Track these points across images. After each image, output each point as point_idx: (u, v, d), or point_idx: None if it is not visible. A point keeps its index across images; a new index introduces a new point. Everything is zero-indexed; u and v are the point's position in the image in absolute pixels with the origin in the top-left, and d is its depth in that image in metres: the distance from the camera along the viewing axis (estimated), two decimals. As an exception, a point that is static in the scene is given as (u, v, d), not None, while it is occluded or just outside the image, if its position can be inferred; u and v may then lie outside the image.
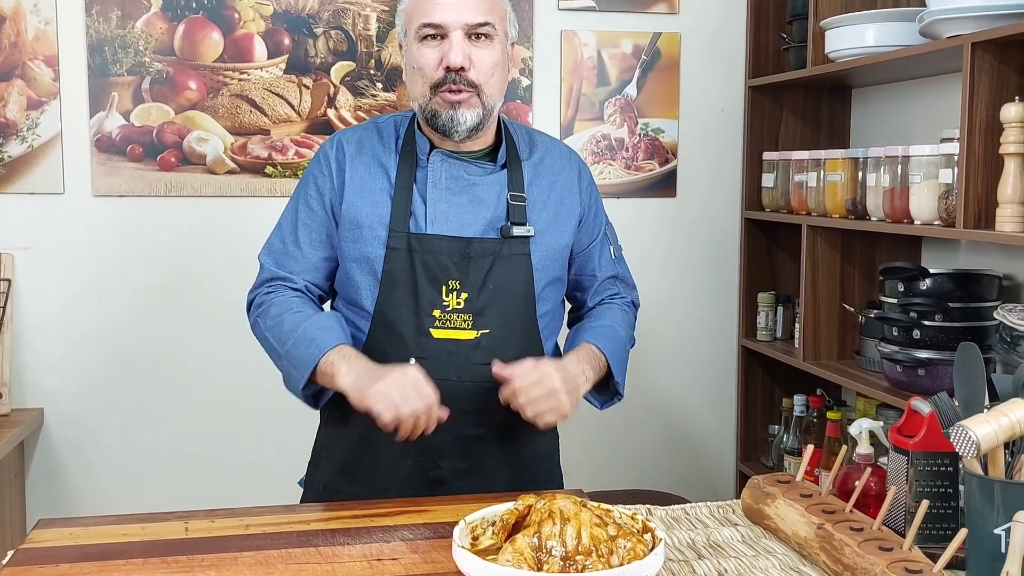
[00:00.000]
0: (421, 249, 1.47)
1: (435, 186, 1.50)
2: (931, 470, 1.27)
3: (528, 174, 1.55)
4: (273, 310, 1.51)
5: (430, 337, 1.47)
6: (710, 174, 2.80)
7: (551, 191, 1.57)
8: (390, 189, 1.50)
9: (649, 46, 2.70)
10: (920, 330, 1.91)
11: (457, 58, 1.43)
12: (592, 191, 1.64)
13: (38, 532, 1.28)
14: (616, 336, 1.58)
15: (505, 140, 1.55)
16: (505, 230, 1.50)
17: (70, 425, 2.52)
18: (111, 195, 2.48)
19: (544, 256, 1.54)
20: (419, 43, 1.46)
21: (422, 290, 1.47)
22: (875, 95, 2.58)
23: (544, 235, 1.54)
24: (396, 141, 1.55)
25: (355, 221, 1.50)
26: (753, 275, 2.78)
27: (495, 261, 1.49)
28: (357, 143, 1.55)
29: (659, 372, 2.83)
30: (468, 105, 1.45)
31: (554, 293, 1.59)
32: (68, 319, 2.49)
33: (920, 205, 1.89)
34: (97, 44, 2.43)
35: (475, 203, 1.51)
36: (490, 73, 1.47)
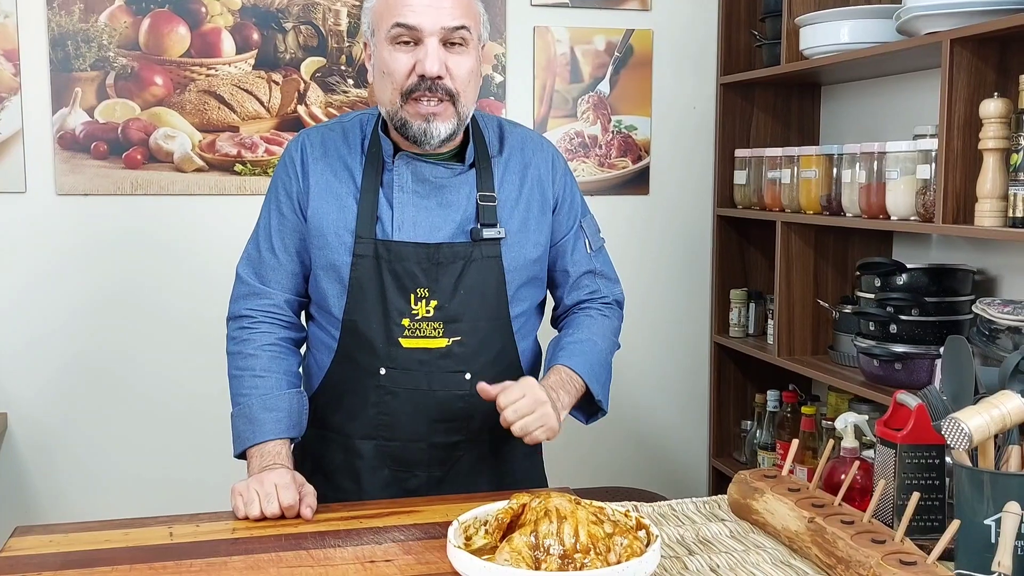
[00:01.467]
0: (388, 256, 1.43)
1: (401, 190, 1.46)
2: (918, 462, 1.29)
3: (498, 171, 1.51)
4: (240, 361, 1.49)
5: (399, 347, 1.44)
6: (683, 171, 2.81)
7: (522, 186, 1.52)
8: (356, 193, 1.46)
9: (622, 43, 2.70)
10: (897, 324, 1.94)
11: (433, 66, 1.36)
12: (567, 181, 1.59)
13: (17, 540, 1.25)
14: (594, 350, 1.54)
15: (474, 138, 1.50)
16: (475, 233, 1.46)
17: (34, 429, 2.45)
18: (75, 194, 2.42)
19: (517, 257, 1.50)
20: (390, 45, 1.39)
21: (391, 299, 1.44)
22: (845, 92, 2.61)
23: (516, 235, 1.50)
24: (362, 142, 1.50)
25: (320, 227, 1.47)
26: (725, 272, 2.80)
27: (466, 266, 1.45)
28: (322, 145, 1.50)
29: (632, 370, 2.84)
30: (443, 117, 1.40)
31: (530, 293, 1.55)
32: (31, 321, 2.42)
33: (897, 201, 1.91)
34: (59, 38, 2.36)
35: (443, 206, 1.47)
36: (467, 81, 1.41)
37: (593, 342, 1.56)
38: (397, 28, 1.38)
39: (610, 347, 1.60)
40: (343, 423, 1.49)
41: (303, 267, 1.51)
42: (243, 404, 1.46)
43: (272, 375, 1.47)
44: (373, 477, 1.48)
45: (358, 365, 1.45)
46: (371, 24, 1.44)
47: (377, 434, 1.47)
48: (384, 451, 1.47)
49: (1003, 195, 1.68)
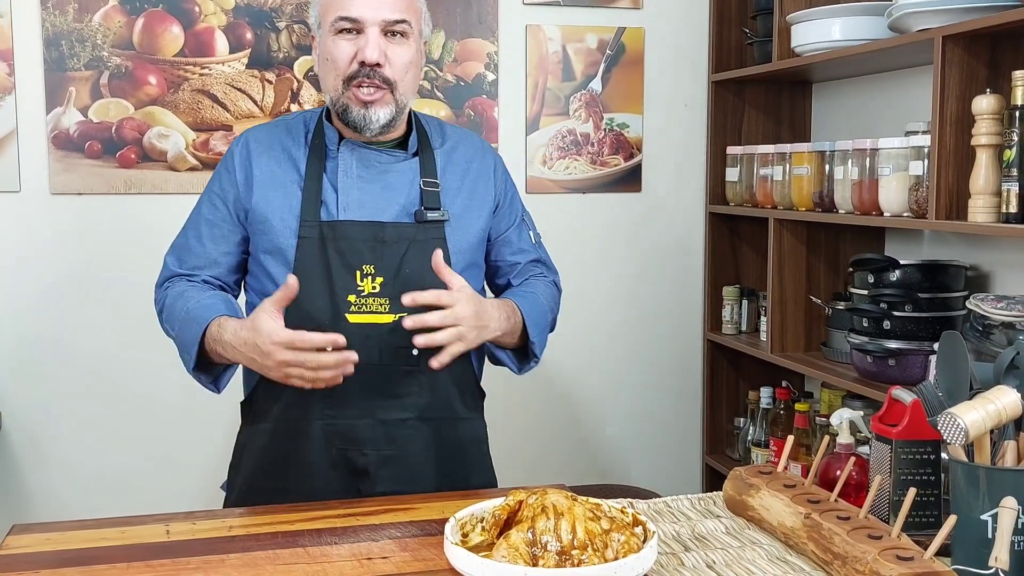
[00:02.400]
0: (334, 236, 1.47)
1: (346, 174, 1.51)
2: (914, 458, 1.29)
3: (440, 161, 1.57)
4: (168, 300, 1.52)
5: (346, 322, 1.46)
6: (675, 169, 2.81)
7: (464, 177, 1.58)
8: (300, 181, 1.51)
9: (614, 41, 2.71)
10: (890, 321, 1.95)
11: (373, 53, 1.44)
12: (507, 178, 1.66)
13: (14, 538, 1.25)
14: (537, 302, 1.59)
15: (416, 128, 1.57)
16: (419, 215, 1.51)
17: (28, 427, 2.44)
18: (69, 193, 2.41)
19: (460, 240, 1.55)
20: (334, 36, 1.47)
21: (336, 277, 1.46)
22: (836, 89, 2.62)
23: (459, 220, 1.55)
24: (305, 135, 1.56)
25: (264, 214, 1.51)
26: (718, 269, 2.81)
27: (410, 246, 1.49)
28: (265, 139, 1.56)
29: (625, 367, 2.84)
30: (381, 104, 1.47)
31: (472, 279, 1.58)
32: (25, 320, 2.42)
33: (889, 197, 1.92)
34: (53, 38, 2.36)
35: (388, 189, 1.52)
36: (404, 71, 1.48)
37: (536, 297, 1.60)
38: (341, 20, 1.46)
39: (551, 309, 1.63)
40: (287, 409, 1.49)
41: (226, 257, 1.55)
42: (181, 320, 1.47)
43: (199, 291, 1.51)
44: (319, 459, 1.48)
45: None
46: (318, 17, 1.52)
47: (324, 413, 1.48)
48: (332, 430, 1.48)
49: (996, 191, 1.69)
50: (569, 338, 2.76)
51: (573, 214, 2.74)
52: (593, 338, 2.80)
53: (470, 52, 2.61)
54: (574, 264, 2.75)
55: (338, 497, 1.45)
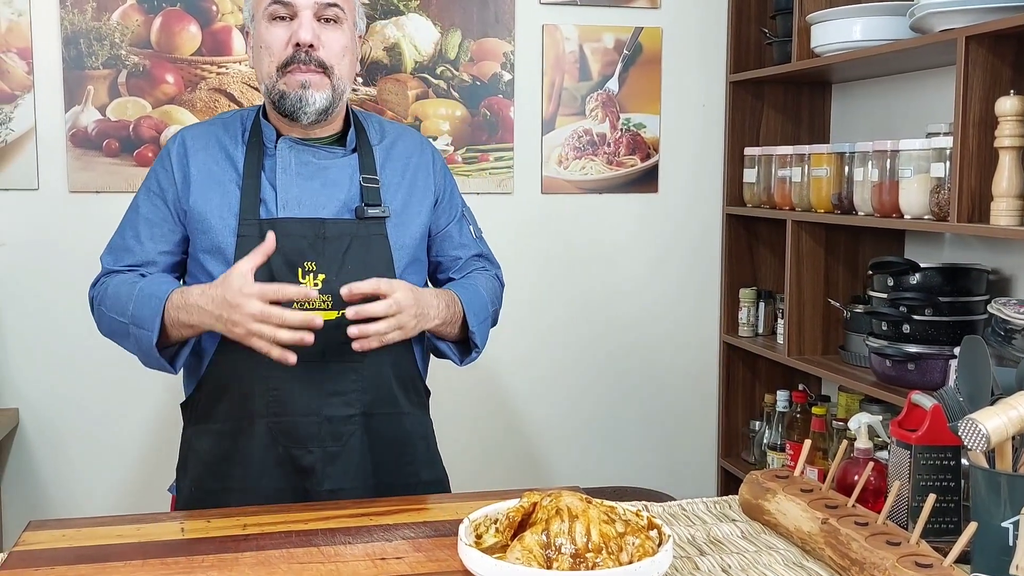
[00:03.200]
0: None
1: (285, 172, 1.50)
2: (934, 464, 1.28)
3: (380, 157, 1.56)
4: (110, 291, 1.50)
5: None
6: (692, 169, 2.80)
7: (404, 173, 1.58)
8: (238, 179, 1.50)
9: (631, 40, 2.70)
10: (910, 324, 1.93)
11: (307, 35, 1.44)
12: (446, 173, 1.66)
13: (30, 534, 1.25)
14: (477, 293, 1.58)
15: (354, 125, 1.56)
16: (360, 211, 1.49)
17: (45, 425, 2.46)
18: (87, 191, 2.42)
19: (402, 236, 1.54)
20: (267, 22, 1.47)
21: (278, 274, 1.44)
22: (856, 90, 2.60)
23: (400, 215, 1.54)
24: (242, 133, 1.54)
25: (203, 214, 1.49)
26: (734, 271, 2.79)
27: (352, 241, 1.48)
28: (202, 137, 1.54)
29: (640, 369, 2.83)
30: (317, 87, 1.46)
31: (415, 274, 1.58)
32: (43, 317, 2.43)
33: (910, 199, 1.90)
34: (72, 36, 2.37)
35: (327, 186, 1.51)
36: (340, 55, 1.48)
37: (476, 288, 1.59)
38: (274, 5, 1.46)
39: (492, 300, 1.62)
40: (230, 408, 1.49)
41: (163, 256, 1.53)
42: (134, 300, 1.45)
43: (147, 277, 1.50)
44: (264, 458, 1.47)
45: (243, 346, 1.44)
46: (251, 8, 1.52)
47: (269, 411, 1.46)
48: (277, 428, 1.46)
49: (1019, 194, 1.67)
50: (584, 340, 2.76)
51: (589, 215, 2.73)
52: (608, 340, 2.79)
53: (486, 52, 2.60)
54: (589, 265, 2.75)
55: (285, 498, 1.45)
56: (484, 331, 1.57)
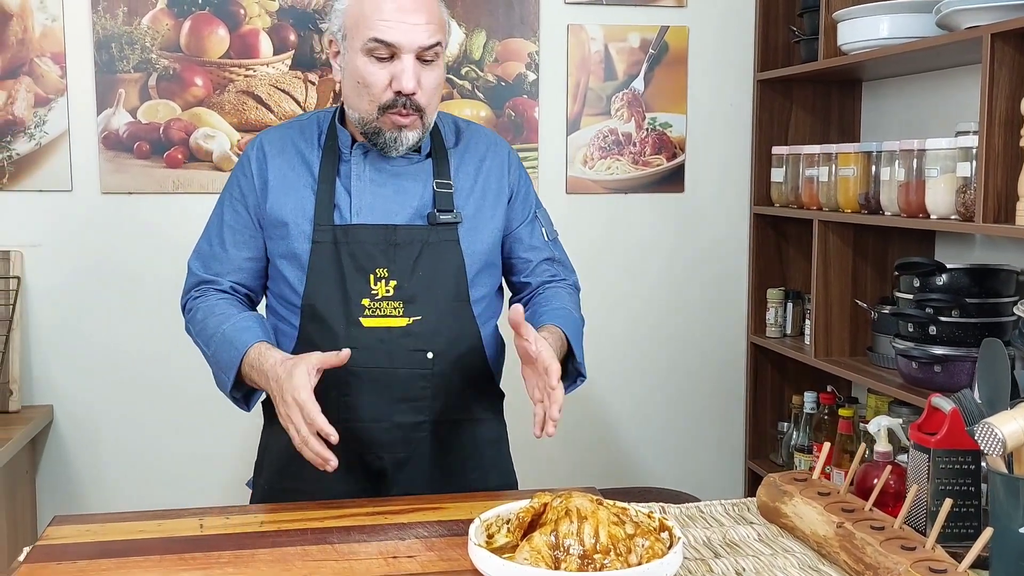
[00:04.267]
0: (347, 240, 1.47)
1: (359, 178, 1.50)
2: (953, 468, 1.26)
3: (454, 161, 1.56)
4: (199, 315, 1.52)
5: (360, 326, 1.46)
6: (719, 169, 2.78)
7: (477, 176, 1.56)
8: (313, 184, 1.50)
9: (657, 40, 2.68)
10: (936, 326, 1.90)
11: (410, 83, 1.42)
12: (521, 174, 1.63)
13: (54, 529, 1.28)
14: (572, 318, 1.56)
15: (429, 130, 1.54)
16: (432, 217, 1.49)
17: (79, 422, 2.51)
18: (119, 192, 2.47)
19: (474, 241, 1.53)
20: (366, 57, 1.43)
21: (350, 280, 1.46)
22: (886, 88, 2.56)
23: (473, 220, 1.53)
24: (319, 137, 1.55)
25: (280, 219, 1.50)
26: (762, 271, 2.77)
27: (423, 248, 1.48)
28: (279, 142, 1.55)
29: (667, 369, 2.82)
30: (412, 127, 1.46)
31: (489, 278, 1.57)
32: (77, 316, 2.48)
33: (937, 199, 1.87)
34: (104, 41, 2.42)
35: (400, 192, 1.51)
36: (433, 94, 1.48)
37: (569, 311, 1.57)
38: (374, 43, 1.42)
39: (582, 319, 1.60)
40: None
41: (249, 263, 1.55)
42: (216, 341, 1.47)
43: (233, 307, 1.51)
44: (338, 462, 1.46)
45: (319, 349, 1.45)
46: (343, 27, 1.47)
47: (340, 416, 1.47)
48: (348, 433, 1.46)
49: (1046, 194, 1.64)
50: (611, 340, 2.75)
51: (614, 215, 2.73)
52: (635, 340, 2.78)
53: (511, 52, 2.61)
54: (615, 265, 2.74)
55: (355, 498, 1.45)
56: (582, 356, 1.54)
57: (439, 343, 1.48)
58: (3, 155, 2.40)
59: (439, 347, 1.48)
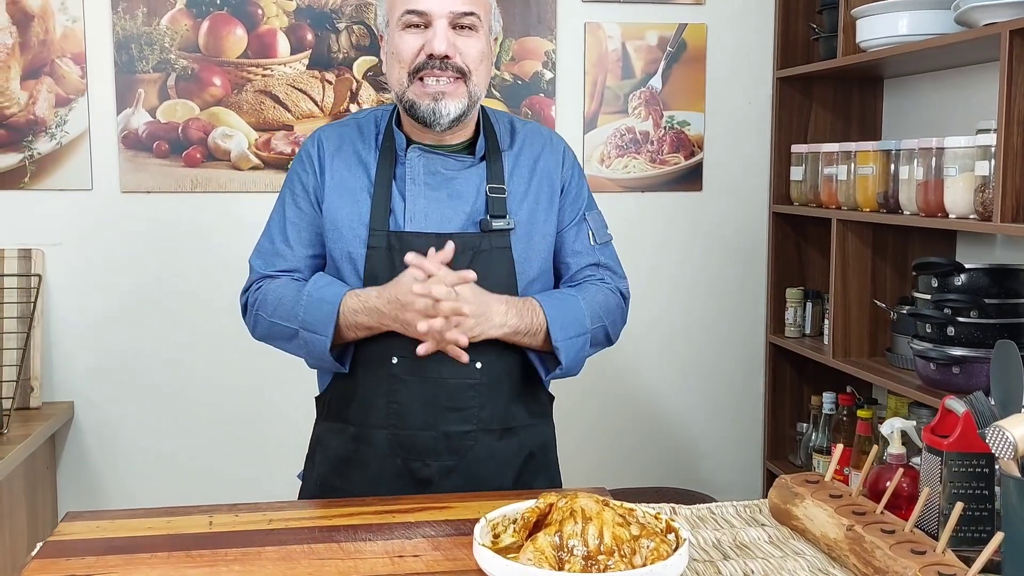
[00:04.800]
0: (400, 247, 1.45)
1: (413, 182, 1.48)
2: (966, 471, 1.24)
3: (508, 164, 1.53)
4: (270, 297, 1.50)
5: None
6: (737, 167, 2.76)
7: (531, 178, 1.53)
8: (370, 187, 1.49)
9: (675, 38, 2.67)
10: (955, 327, 1.87)
11: (441, 45, 1.40)
12: (575, 173, 1.59)
13: (66, 525, 1.29)
14: (570, 305, 1.50)
15: (484, 132, 1.52)
16: (484, 224, 1.47)
17: (99, 418, 2.54)
18: (138, 191, 2.49)
19: (527, 248, 1.51)
20: (401, 31, 1.44)
21: None
22: (908, 86, 2.53)
23: (526, 226, 1.51)
24: (376, 137, 1.53)
25: (335, 221, 1.50)
26: (781, 270, 2.74)
27: (475, 256, 1.46)
28: (337, 140, 1.53)
29: (685, 369, 2.80)
30: (453, 96, 1.43)
31: (541, 285, 1.55)
32: (97, 314, 2.51)
33: (955, 198, 1.85)
34: (124, 41, 2.44)
35: (454, 198, 1.49)
36: (478, 61, 1.45)
37: (575, 298, 1.52)
38: (408, 14, 1.42)
39: (593, 312, 1.52)
40: (356, 414, 1.51)
41: (313, 260, 1.54)
42: (303, 305, 1.45)
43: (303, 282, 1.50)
44: (384, 467, 1.49)
45: (371, 355, 1.47)
46: (385, 14, 1.49)
47: (389, 423, 1.48)
48: (396, 440, 1.48)
49: (1067, 193, 1.61)
50: (628, 340, 2.72)
51: (631, 213, 2.71)
52: (652, 340, 2.77)
53: (527, 51, 2.61)
54: (632, 265, 2.67)
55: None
56: (574, 347, 1.48)
57: (488, 353, 1.46)
58: (25, 155, 2.43)
59: (488, 357, 1.47)
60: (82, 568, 1.14)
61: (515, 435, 1.54)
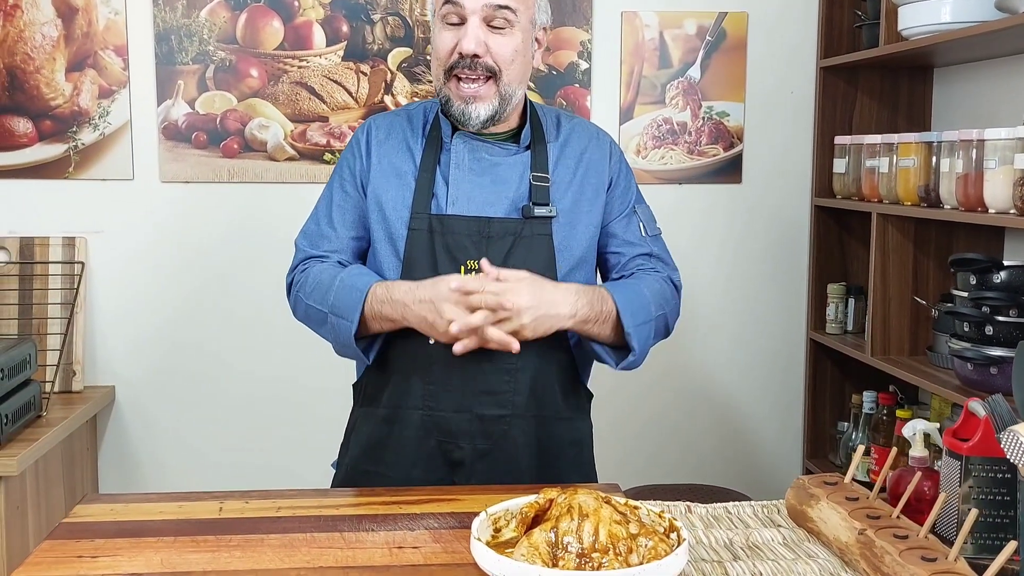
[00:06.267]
0: (442, 229, 1.47)
1: (458, 167, 1.50)
2: (987, 476, 1.19)
3: (553, 154, 1.54)
4: (310, 279, 1.53)
5: None
6: (778, 159, 2.70)
7: (576, 169, 1.54)
8: (415, 172, 1.52)
9: (714, 26, 2.61)
10: (993, 326, 1.80)
11: (470, 44, 1.42)
12: (623, 168, 1.60)
13: (81, 507, 1.32)
14: (636, 291, 1.50)
15: (530, 121, 1.54)
16: (527, 210, 1.48)
17: (140, 402, 2.60)
18: (177, 181, 2.54)
19: (568, 236, 1.51)
20: (440, 25, 1.47)
21: (442, 270, 1.46)
22: (959, 75, 2.44)
23: (568, 215, 1.51)
24: (424, 126, 1.56)
25: (380, 204, 1.52)
26: (823, 265, 2.67)
27: (516, 241, 1.47)
28: (387, 128, 1.57)
29: (723, 365, 2.75)
30: (482, 99, 1.45)
31: (582, 275, 1.54)
32: (137, 300, 2.57)
33: (994, 192, 1.77)
34: (164, 33, 2.49)
35: (497, 183, 1.50)
36: (510, 60, 1.45)
37: (636, 286, 1.52)
38: (445, 7, 1.45)
39: (656, 303, 1.51)
40: (392, 396, 1.52)
41: (356, 242, 1.56)
42: (335, 290, 1.47)
43: (342, 268, 1.53)
44: (418, 448, 1.50)
45: (409, 336, 1.48)
46: (432, 7, 1.51)
47: (424, 404, 1.49)
48: (431, 422, 1.49)
49: (1112, 187, 1.53)
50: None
51: (668, 205, 2.67)
52: (690, 336, 2.73)
53: (563, 41, 2.58)
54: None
55: (434, 485, 1.46)
56: (643, 334, 1.48)
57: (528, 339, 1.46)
58: (69, 145, 2.50)
59: (525, 344, 1.46)
60: (89, 550, 1.17)
61: (550, 426, 1.54)
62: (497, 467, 1.50)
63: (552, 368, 1.53)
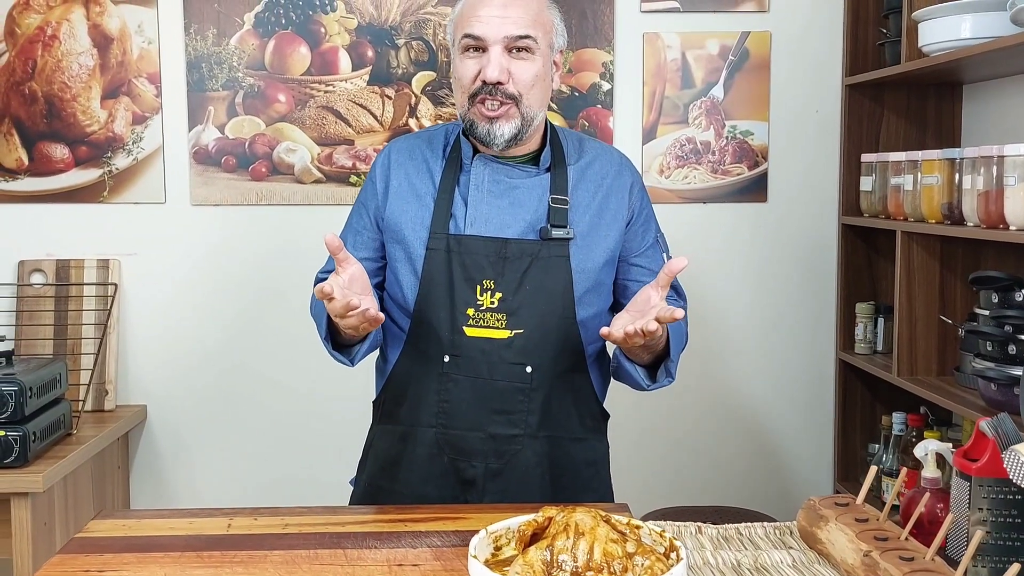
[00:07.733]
0: (459, 249, 1.49)
1: (477, 188, 1.53)
2: (997, 498, 1.17)
3: (573, 177, 1.55)
4: (314, 289, 1.55)
5: (463, 335, 1.48)
6: (804, 178, 2.67)
7: (596, 193, 1.56)
8: (434, 192, 1.54)
9: (737, 46, 2.61)
10: (1016, 345, 1.76)
11: (493, 73, 1.45)
12: (644, 199, 1.62)
13: (95, 522, 1.35)
14: (677, 325, 1.53)
15: (551, 143, 1.56)
16: (544, 232, 1.50)
17: (171, 422, 2.65)
18: (207, 204, 2.60)
19: (585, 259, 1.53)
20: (461, 54, 1.50)
21: (458, 289, 1.49)
22: (986, 91, 2.40)
23: (586, 238, 1.53)
24: (444, 148, 1.59)
25: (398, 224, 1.55)
26: (851, 284, 2.64)
27: (532, 262, 1.49)
28: (407, 150, 1.60)
29: (751, 385, 2.72)
30: (506, 118, 1.48)
31: (598, 298, 1.56)
32: (169, 320, 2.63)
33: (1015, 209, 1.74)
34: (195, 61, 2.55)
35: (515, 205, 1.52)
36: (530, 85, 1.48)
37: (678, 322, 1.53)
38: (466, 39, 1.49)
39: (686, 330, 1.59)
40: (407, 413, 1.54)
41: (367, 262, 1.58)
42: (313, 300, 1.55)
43: None
44: (431, 466, 1.51)
45: (424, 354, 1.50)
46: (452, 35, 1.56)
47: (437, 422, 1.51)
48: (444, 439, 1.51)
49: None
50: (692, 356, 2.67)
51: (692, 225, 2.66)
52: (716, 357, 2.71)
53: (584, 62, 2.60)
54: (693, 277, 2.67)
55: (446, 503, 1.48)
56: (678, 356, 1.54)
57: (539, 358, 1.49)
58: (104, 170, 2.57)
59: (539, 362, 1.49)
60: (97, 565, 1.19)
61: (564, 446, 1.54)
62: (510, 486, 1.51)
63: (567, 388, 1.54)
